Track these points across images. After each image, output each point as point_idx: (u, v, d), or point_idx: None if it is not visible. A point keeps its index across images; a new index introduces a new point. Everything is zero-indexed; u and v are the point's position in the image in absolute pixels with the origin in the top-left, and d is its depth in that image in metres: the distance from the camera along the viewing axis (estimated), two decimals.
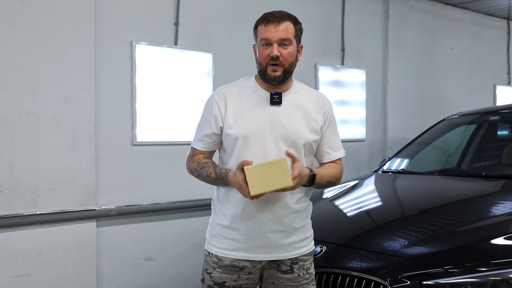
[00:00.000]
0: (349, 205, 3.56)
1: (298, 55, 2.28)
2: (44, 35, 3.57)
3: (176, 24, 4.29)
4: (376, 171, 4.26)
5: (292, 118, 2.22)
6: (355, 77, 5.74)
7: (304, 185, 2.20)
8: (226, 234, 2.25)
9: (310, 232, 2.36)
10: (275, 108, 2.21)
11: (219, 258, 2.25)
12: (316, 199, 3.66)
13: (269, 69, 2.18)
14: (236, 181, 2.07)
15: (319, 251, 2.72)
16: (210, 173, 2.20)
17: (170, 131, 4.23)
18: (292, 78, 2.30)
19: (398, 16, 6.11)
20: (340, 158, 2.38)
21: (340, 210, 3.50)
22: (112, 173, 3.97)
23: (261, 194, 2.06)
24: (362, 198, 3.67)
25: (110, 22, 3.94)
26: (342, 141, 2.43)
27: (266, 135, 2.18)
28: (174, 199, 4.26)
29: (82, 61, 3.72)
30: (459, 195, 3.50)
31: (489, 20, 7.39)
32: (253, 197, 2.05)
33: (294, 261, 2.26)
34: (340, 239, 2.92)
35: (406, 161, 4.28)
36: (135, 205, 4.08)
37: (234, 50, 4.62)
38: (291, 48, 2.20)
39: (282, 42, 2.17)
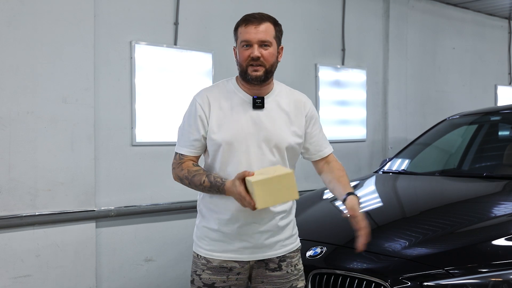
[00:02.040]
0: None
1: (279, 56, 2.28)
2: (43, 34, 3.56)
3: (176, 24, 4.28)
4: (376, 172, 4.24)
5: (275, 122, 2.23)
6: (356, 77, 5.72)
7: None
8: (213, 236, 2.26)
9: (296, 229, 2.40)
10: (257, 112, 2.22)
11: (208, 260, 2.26)
12: (317, 200, 3.66)
13: (250, 69, 2.18)
14: (236, 191, 2.04)
15: (319, 252, 2.71)
16: (204, 182, 2.17)
17: (169, 132, 4.21)
18: (273, 79, 2.31)
19: (399, 16, 6.10)
20: (332, 153, 2.42)
21: (341, 211, 3.47)
22: (111, 173, 3.96)
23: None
24: (363, 199, 3.64)
25: (109, 22, 3.93)
26: (342, 142, 2.45)
27: (249, 140, 2.19)
28: (173, 200, 4.25)
29: (81, 61, 3.71)
30: (460, 196, 3.49)
31: (490, 20, 7.37)
32: (255, 210, 2.03)
33: (281, 258, 2.29)
34: (340, 240, 2.90)
35: (407, 161, 4.26)
36: (135, 205, 4.06)
37: None
38: (272, 49, 2.21)
39: (263, 44, 2.18)
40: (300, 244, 2.40)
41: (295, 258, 2.34)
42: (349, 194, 2.24)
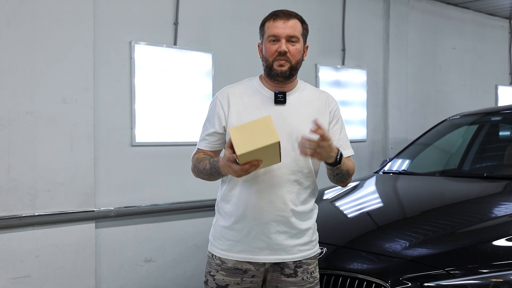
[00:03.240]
0: (350, 206, 3.54)
1: (304, 55, 2.26)
2: (42, 34, 3.55)
3: (176, 24, 4.27)
4: (377, 172, 4.24)
5: (297, 118, 2.20)
6: (356, 77, 5.71)
7: (330, 164, 2.12)
8: (228, 235, 2.22)
9: (316, 236, 2.34)
10: (279, 108, 2.20)
11: (222, 261, 2.22)
12: (317, 200, 3.64)
13: (276, 64, 2.16)
14: (226, 158, 1.98)
15: (320, 252, 2.70)
16: (206, 165, 2.18)
17: (169, 132, 4.21)
18: (297, 77, 2.29)
19: (399, 16, 6.09)
20: (350, 157, 2.35)
21: (341, 212, 3.48)
22: (111, 174, 3.95)
23: (250, 164, 1.94)
24: (363, 199, 3.65)
25: (109, 22, 3.92)
26: None
27: None
28: (173, 200, 4.24)
29: (80, 61, 3.71)
30: (461, 196, 3.48)
31: (490, 20, 7.36)
32: (242, 168, 1.94)
33: (298, 264, 2.24)
34: (341, 240, 2.90)
35: (407, 162, 4.25)
36: (134, 206, 4.05)
37: (234, 50, 4.60)
38: (299, 46, 2.19)
39: (290, 39, 2.17)
40: (319, 251, 2.35)
41: (312, 265, 2.29)
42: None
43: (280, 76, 2.17)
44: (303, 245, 2.24)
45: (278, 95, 2.19)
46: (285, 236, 2.19)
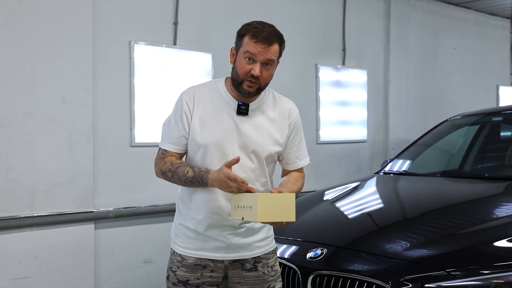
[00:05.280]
0: (350, 207, 3.53)
1: (274, 71, 2.28)
2: (41, 34, 3.54)
3: (175, 24, 4.26)
4: (377, 173, 4.22)
5: (257, 129, 2.25)
6: (356, 77, 5.70)
7: None
8: (189, 234, 2.29)
9: (271, 232, 2.40)
10: (241, 118, 2.23)
11: (183, 257, 2.29)
12: (317, 201, 3.64)
13: (246, 83, 2.18)
14: (223, 175, 2.04)
15: (320, 253, 2.69)
16: (187, 172, 2.18)
17: None
18: None
19: (400, 16, 6.08)
20: (302, 169, 2.44)
21: (341, 212, 3.46)
22: (110, 174, 3.94)
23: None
24: (364, 200, 3.64)
25: (108, 22, 3.92)
26: (343, 142, 2.43)
27: (228, 145, 2.20)
28: (172, 201, 4.15)
29: (80, 61, 3.70)
30: (462, 197, 3.47)
31: (492, 20, 7.35)
32: (239, 187, 2.04)
33: (257, 260, 2.32)
34: (341, 241, 2.89)
35: (408, 162, 4.24)
36: (134, 207, 4.05)
37: None
38: (272, 70, 2.21)
39: (266, 62, 2.17)
40: (276, 246, 2.42)
41: (271, 259, 2.36)
42: None
43: (247, 95, 2.21)
44: (259, 241, 2.32)
45: (241, 107, 2.23)
46: (241, 236, 2.27)
